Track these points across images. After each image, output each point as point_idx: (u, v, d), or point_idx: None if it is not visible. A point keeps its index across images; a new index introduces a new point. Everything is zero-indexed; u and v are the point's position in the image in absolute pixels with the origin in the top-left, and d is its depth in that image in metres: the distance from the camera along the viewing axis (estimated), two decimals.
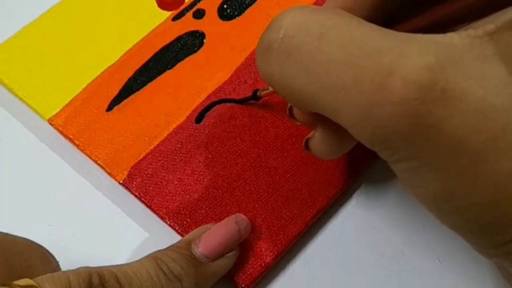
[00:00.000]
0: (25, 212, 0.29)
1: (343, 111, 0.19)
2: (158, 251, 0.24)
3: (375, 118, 0.18)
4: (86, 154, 0.29)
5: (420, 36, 0.18)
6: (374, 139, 0.19)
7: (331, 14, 0.19)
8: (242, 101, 0.30)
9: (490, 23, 0.18)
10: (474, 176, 0.18)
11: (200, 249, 0.24)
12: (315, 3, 0.33)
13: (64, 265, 0.24)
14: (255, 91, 0.29)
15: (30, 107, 0.31)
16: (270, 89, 0.27)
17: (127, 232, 0.28)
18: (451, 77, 0.17)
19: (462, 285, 0.26)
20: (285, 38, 0.19)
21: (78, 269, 0.21)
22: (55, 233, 0.28)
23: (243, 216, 0.26)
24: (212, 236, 0.25)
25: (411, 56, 0.17)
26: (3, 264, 0.21)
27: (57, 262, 0.24)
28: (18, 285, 0.19)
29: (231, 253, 0.25)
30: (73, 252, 0.27)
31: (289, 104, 0.25)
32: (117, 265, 0.22)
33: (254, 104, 0.30)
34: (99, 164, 0.29)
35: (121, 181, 0.28)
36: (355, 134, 0.19)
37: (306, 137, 0.25)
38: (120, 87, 0.31)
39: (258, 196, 0.27)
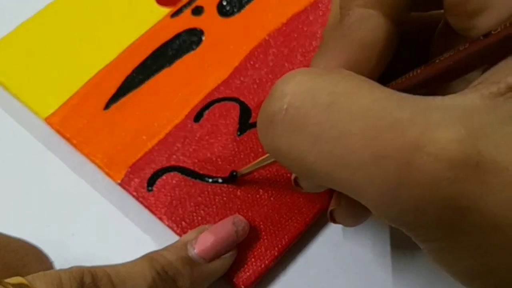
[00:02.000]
0: (22, 212, 0.28)
1: (362, 190, 0.17)
2: (154, 251, 0.24)
3: (402, 201, 0.16)
4: (83, 153, 0.29)
5: (438, 99, 0.16)
6: (399, 222, 0.17)
7: (337, 78, 0.17)
8: (222, 183, 0.27)
9: (507, 76, 0.16)
10: None
11: (195, 250, 0.24)
12: (314, 1, 0.33)
13: (62, 265, 0.24)
14: (232, 172, 0.27)
15: (27, 106, 0.30)
16: (249, 168, 0.26)
17: (125, 233, 0.28)
18: (483, 148, 0.15)
19: (462, 285, 0.26)
20: (290, 109, 0.17)
21: (70, 268, 0.21)
22: (53, 233, 0.28)
23: (241, 217, 0.26)
24: (208, 237, 0.24)
25: (438, 127, 0.15)
26: None
27: (51, 262, 0.24)
28: (10, 283, 0.19)
29: (228, 254, 0.25)
30: (70, 252, 0.27)
31: (293, 175, 0.24)
32: (112, 265, 0.22)
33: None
34: (96, 164, 0.28)
35: (118, 181, 0.28)
36: (378, 215, 0.17)
37: (330, 209, 0.24)
38: (118, 85, 0.30)
39: (257, 196, 0.27)
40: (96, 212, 0.28)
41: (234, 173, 0.27)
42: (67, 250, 0.26)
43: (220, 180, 0.27)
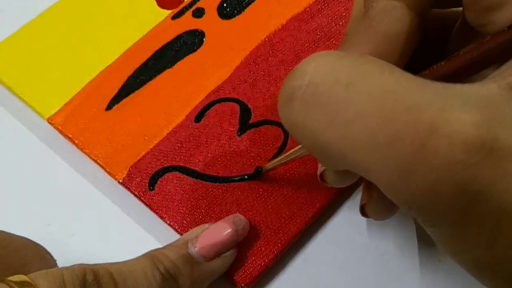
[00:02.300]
0: (24, 211, 0.28)
1: (375, 171, 0.17)
2: (155, 249, 0.24)
3: (415, 182, 0.16)
4: (85, 153, 0.29)
5: (457, 86, 0.16)
6: (411, 205, 0.17)
7: (360, 61, 0.17)
8: (247, 180, 0.28)
9: None
10: None
11: (196, 249, 0.24)
12: (314, 3, 0.33)
13: (63, 264, 0.24)
14: (257, 168, 0.28)
15: (29, 106, 0.31)
16: (274, 163, 0.27)
17: (127, 232, 0.28)
18: (498, 134, 0.15)
19: (462, 285, 0.26)
20: (310, 85, 0.17)
21: (73, 266, 0.21)
22: (55, 232, 0.28)
23: (241, 216, 0.26)
24: (208, 236, 0.25)
25: (455, 111, 0.15)
26: None
27: (54, 261, 0.24)
28: (12, 281, 0.19)
29: (228, 253, 0.25)
30: (72, 251, 0.27)
31: (319, 170, 0.24)
32: (113, 263, 0.22)
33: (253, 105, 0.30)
34: (98, 163, 0.29)
35: (120, 181, 0.28)
36: (389, 196, 0.17)
37: (361, 203, 0.24)
38: (120, 86, 0.31)
39: (257, 195, 0.27)
40: (98, 211, 0.29)
41: (260, 169, 0.27)
42: (69, 249, 0.27)
43: (246, 177, 0.28)
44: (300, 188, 0.27)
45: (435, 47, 0.22)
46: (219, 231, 0.25)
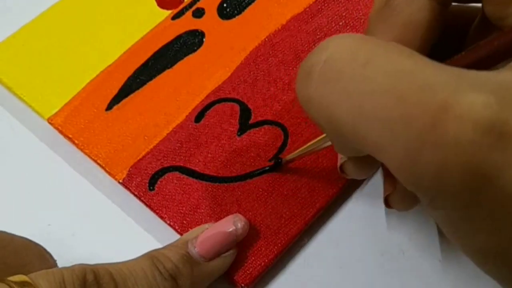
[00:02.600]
0: (24, 212, 0.28)
1: (386, 149, 0.17)
2: (155, 250, 0.24)
3: (424, 161, 0.16)
4: (85, 153, 0.29)
5: (473, 72, 0.17)
6: (418, 184, 0.17)
7: (380, 43, 0.18)
8: (268, 171, 0.28)
9: None
10: None
11: (196, 249, 0.24)
12: (314, 3, 0.33)
13: (63, 264, 0.24)
14: (277, 159, 0.28)
15: (30, 106, 0.31)
16: (294, 155, 0.27)
17: (127, 232, 0.28)
18: (510, 118, 0.15)
19: (462, 285, 0.26)
20: (328, 61, 0.18)
21: (73, 266, 0.21)
22: (55, 233, 0.28)
23: (241, 216, 0.26)
24: (208, 236, 0.25)
25: (468, 92, 0.16)
26: None
27: (54, 261, 0.24)
28: (12, 281, 0.19)
29: (228, 253, 0.25)
30: (72, 251, 0.27)
31: (339, 162, 0.25)
32: (113, 263, 0.22)
33: (253, 105, 0.30)
34: (98, 164, 0.29)
35: (120, 181, 0.28)
36: (397, 175, 0.17)
37: (385, 194, 0.24)
38: (120, 86, 0.31)
39: (257, 195, 0.27)
40: (98, 211, 0.29)
41: (279, 160, 0.28)
42: (69, 249, 0.27)
43: (267, 169, 0.28)
44: (300, 188, 0.27)
45: (453, 44, 0.22)
46: (218, 231, 0.25)
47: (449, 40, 0.22)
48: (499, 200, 0.16)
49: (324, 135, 0.25)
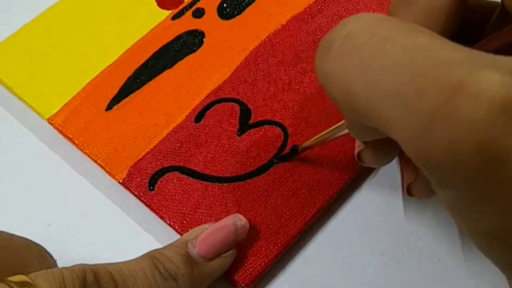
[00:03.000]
0: (24, 211, 0.28)
1: (399, 123, 0.17)
2: (155, 250, 0.24)
3: (435, 138, 0.16)
4: (85, 153, 0.29)
5: (491, 55, 0.16)
6: (428, 161, 0.17)
7: (401, 22, 0.18)
8: (284, 159, 0.28)
9: None
10: None
11: (196, 249, 0.24)
12: (314, 3, 0.33)
13: (63, 264, 0.24)
14: (294, 146, 0.28)
15: (30, 106, 0.31)
16: (310, 142, 0.27)
17: (127, 232, 0.28)
18: None
19: (462, 285, 0.26)
20: (348, 37, 0.18)
21: (73, 266, 0.21)
22: (55, 232, 0.28)
23: (241, 216, 0.26)
24: (208, 236, 0.25)
25: (485, 71, 0.15)
26: None
27: (54, 261, 0.24)
28: (12, 281, 0.19)
29: (228, 253, 0.25)
30: (72, 251, 0.27)
31: (356, 150, 0.25)
32: (113, 263, 0.22)
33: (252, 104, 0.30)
34: (98, 164, 0.29)
35: (120, 181, 0.28)
36: (408, 151, 0.17)
37: (407, 183, 0.25)
38: (120, 86, 0.31)
39: (257, 195, 0.27)
40: (98, 211, 0.29)
41: (296, 148, 0.28)
42: (69, 249, 0.27)
43: (283, 156, 0.28)
44: (300, 188, 0.27)
45: (471, 39, 0.22)
46: (218, 231, 0.25)
47: (467, 35, 0.22)
48: (509, 183, 0.16)
49: (340, 123, 0.25)
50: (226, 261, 0.25)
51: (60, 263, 0.24)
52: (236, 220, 0.25)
